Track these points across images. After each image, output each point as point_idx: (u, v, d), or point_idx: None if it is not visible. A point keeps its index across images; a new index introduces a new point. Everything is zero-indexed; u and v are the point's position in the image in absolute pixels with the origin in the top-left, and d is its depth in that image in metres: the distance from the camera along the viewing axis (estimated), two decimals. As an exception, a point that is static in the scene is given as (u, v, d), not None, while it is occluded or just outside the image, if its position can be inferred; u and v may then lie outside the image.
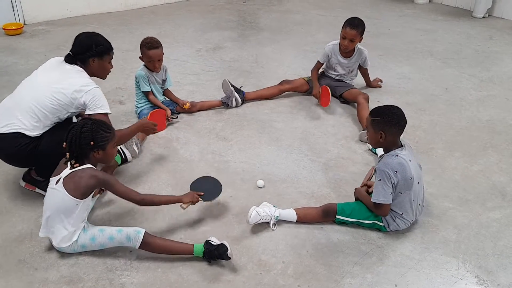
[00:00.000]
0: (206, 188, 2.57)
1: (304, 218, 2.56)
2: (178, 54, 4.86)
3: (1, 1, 5.42)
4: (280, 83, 3.97)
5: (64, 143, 2.22)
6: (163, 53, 3.48)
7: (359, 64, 3.89)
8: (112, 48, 2.82)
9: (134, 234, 2.29)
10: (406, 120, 2.44)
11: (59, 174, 2.26)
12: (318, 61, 3.91)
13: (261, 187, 2.88)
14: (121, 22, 5.86)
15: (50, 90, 2.56)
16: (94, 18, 5.95)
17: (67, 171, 2.24)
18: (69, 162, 2.25)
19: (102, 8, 6.17)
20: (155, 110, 3.43)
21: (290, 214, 2.56)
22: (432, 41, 5.38)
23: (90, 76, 2.74)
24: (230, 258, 2.24)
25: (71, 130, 2.23)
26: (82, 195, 2.22)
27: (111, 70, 2.89)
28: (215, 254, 2.24)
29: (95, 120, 2.33)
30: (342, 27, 3.66)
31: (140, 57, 3.48)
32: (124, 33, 5.45)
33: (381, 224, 2.49)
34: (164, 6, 6.58)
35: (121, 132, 2.70)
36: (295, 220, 2.56)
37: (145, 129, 2.95)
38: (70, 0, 5.87)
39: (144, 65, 3.49)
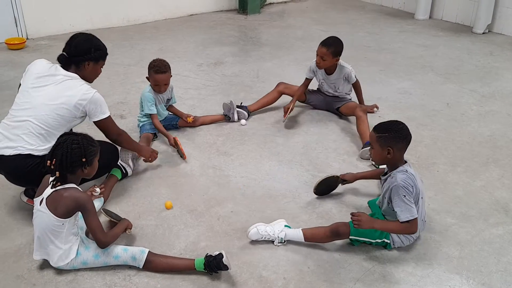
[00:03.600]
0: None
1: (312, 239, 2.48)
2: (179, 69, 4.87)
3: (4, 15, 5.47)
4: (277, 86, 3.97)
5: (48, 162, 2.14)
6: (171, 76, 3.45)
7: (347, 81, 3.79)
8: (107, 54, 2.77)
9: (139, 253, 2.27)
10: (411, 135, 2.43)
11: (41, 194, 2.21)
12: (306, 78, 3.85)
13: (243, 125, 3.46)
14: (123, 37, 5.90)
15: (51, 108, 2.50)
16: (96, 33, 5.88)
17: (48, 190, 2.18)
18: (51, 181, 2.19)
19: (105, 23, 6.22)
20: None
21: (298, 234, 2.48)
22: (433, 57, 5.40)
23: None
24: (227, 267, 2.20)
25: (59, 148, 2.15)
26: (64, 216, 2.17)
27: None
28: (213, 264, 2.22)
29: (81, 134, 2.25)
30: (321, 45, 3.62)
31: (147, 77, 3.46)
32: (126, 48, 5.48)
33: (388, 241, 2.45)
34: (166, 22, 6.63)
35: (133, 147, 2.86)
36: (303, 240, 2.48)
37: (146, 153, 3.05)
38: (72, 15, 5.92)
39: (150, 85, 3.47)
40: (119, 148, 2.95)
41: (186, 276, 2.28)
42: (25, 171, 2.50)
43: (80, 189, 2.23)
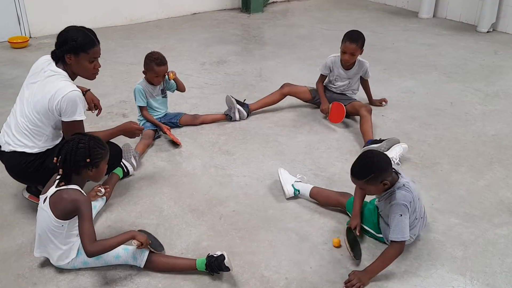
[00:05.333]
0: (152, 239, 2.40)
1: (317, 194, 2.75)
2: (182, 68, 4.85)
3: (7, 14, 5.48)
4: (281, 87, 3.94)
5: (55, 159, 2.12)
6: None
7: (361, 77, 3.83)
8: (90, 46, 2.51)
9: (140, 253, 2.25)
10: (386, 155, 2.42)
11: (47, 191, 2.19)
12: (321, 74, 3.87)
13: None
14: (126, 36, 5.89)
15: (31, 105, 2.47)
16: (99, 32, 5.88)
17: (52, 189, 2.16)
18: (56, 180, 2.17)
19: (107, 22, 6.21)
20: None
21: (306, 187, 2.79)
22: (437, 56, 5.37)
23: (76, 76, 2.57)
24: (229, 268, 2.19)
25: (66, 146, 2.13)
26: (63, 217, 2.14)
27: (98, 70, 2.62)
28: (215, 264, 2.20)
29: (90, 135, 2.22)
30: (342, 41, 3.63)
31: (143, 71, 3.47)
32: (128, 47, 5.48)
33: (379, 235, 2.47)
34: (169, 20, 6.63)
35: (100, 134, 2.58)
36: (308, 194, 2.77)
37: (128, 132, 2.80)
38: (75, 14, 5.91)
39: (144, 79, 3.49)
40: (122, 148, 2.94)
41: (187, 276, 2.27)
42: (19, 168, 2.51)
43: (82, 191, 2.18)
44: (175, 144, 3.41)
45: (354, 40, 3.58)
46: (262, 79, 4.66)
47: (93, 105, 2.94)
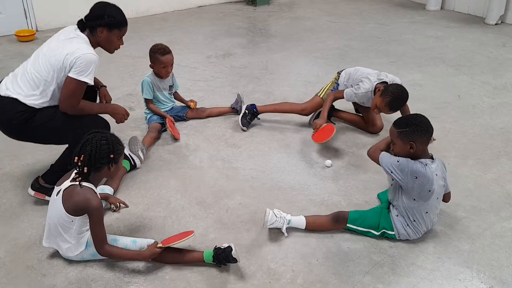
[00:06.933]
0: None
1: (313, 224, 2.51)
2: (188, 61, 4.86)
3: (14, 8, 5.49)
4: (303, 110, 3.57)
5: (76, 158, 2.11)
6: None
7: None
8: (124, 24, 2.72)
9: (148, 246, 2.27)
10: (432, 127, 2.40)
11: (61, 184, 2.20)
12: (343, 93, 3.35)
13: (329, 167, 3.10)
14: (132, 29, 5.81)
15: (47, 57, 2.51)
16: (106, 25, 5.97)
17: (67, 183, 2.16)
18: (73, 174, 2.17)
19: (114, 15, 6.20)
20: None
21: (300, 220, 2.51)
22: (444, 48, 5.33)
23: (96, 46, 2.66)
24: (236, 260, 2.20)
25: (87, 144, 2.11)
26: (73, 213, 2.15)
27: (120, 46, 2.79)
28: (222, 256, 2.22)
29: (108, 132, 2.22)
30: (390, 106, 3.11)
31: (150, 65, 3.48)
32: (134, 40, 5.48)
33: (391, 233, 2.45)
34: (175, 13, 6.62)
35: (96, 106, 2.72)
36: (304, 227, 2.51)
37: (115, 113, 2.81)
38: (82, 7, 5.83)
39: (152, 72, 3.49)
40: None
41: (194, 268, 2.28)
42: (7, 116, 2.50)
43: (96, 191, 2.19)
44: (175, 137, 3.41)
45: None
46: (268, 72, 4.65)
47: (104, 101, 2.95)
